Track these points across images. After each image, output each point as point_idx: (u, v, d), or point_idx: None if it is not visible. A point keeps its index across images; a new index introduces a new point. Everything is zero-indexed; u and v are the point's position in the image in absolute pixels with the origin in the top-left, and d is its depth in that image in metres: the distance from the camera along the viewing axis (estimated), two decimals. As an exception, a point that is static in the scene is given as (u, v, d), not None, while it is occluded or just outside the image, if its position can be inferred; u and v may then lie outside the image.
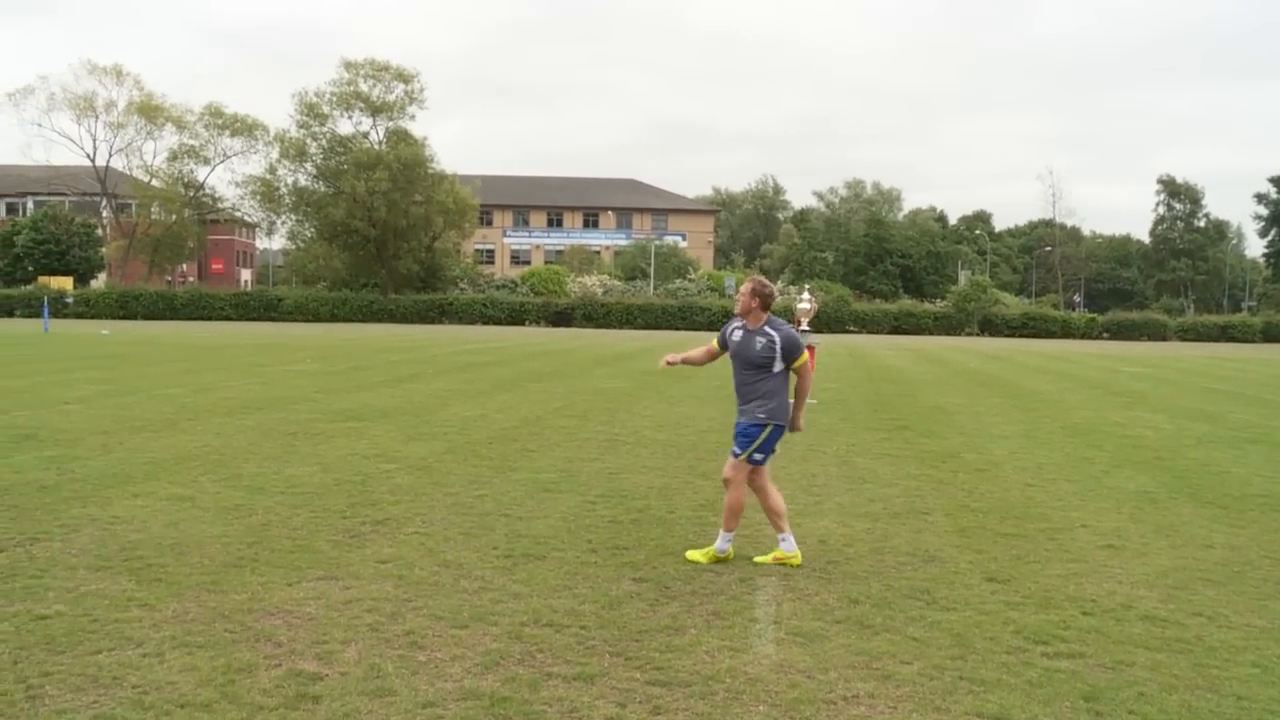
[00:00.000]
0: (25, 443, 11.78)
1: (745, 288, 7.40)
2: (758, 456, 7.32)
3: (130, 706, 4.56)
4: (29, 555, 7.01)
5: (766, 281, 7.45)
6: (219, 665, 5.07)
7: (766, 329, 7.27)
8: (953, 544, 8.02)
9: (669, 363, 7.80)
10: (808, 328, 19.63)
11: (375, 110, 75.37)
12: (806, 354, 7.44)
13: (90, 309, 68.40)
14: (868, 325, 71.72)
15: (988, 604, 6.42)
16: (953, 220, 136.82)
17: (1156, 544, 8.16)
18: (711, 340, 7.65)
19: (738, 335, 7.37)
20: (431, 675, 5.04)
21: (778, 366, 7.24)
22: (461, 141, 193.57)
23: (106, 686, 4.79)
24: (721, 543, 7.37)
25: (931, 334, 70.21)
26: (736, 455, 7.32)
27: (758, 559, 7.36)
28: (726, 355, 7.53)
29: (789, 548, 7.32)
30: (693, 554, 7.39)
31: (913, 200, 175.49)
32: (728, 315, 53.89)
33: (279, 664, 5.12)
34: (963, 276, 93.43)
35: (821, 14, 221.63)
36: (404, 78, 75.48)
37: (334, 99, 74.80)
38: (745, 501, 7.40)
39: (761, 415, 7.25)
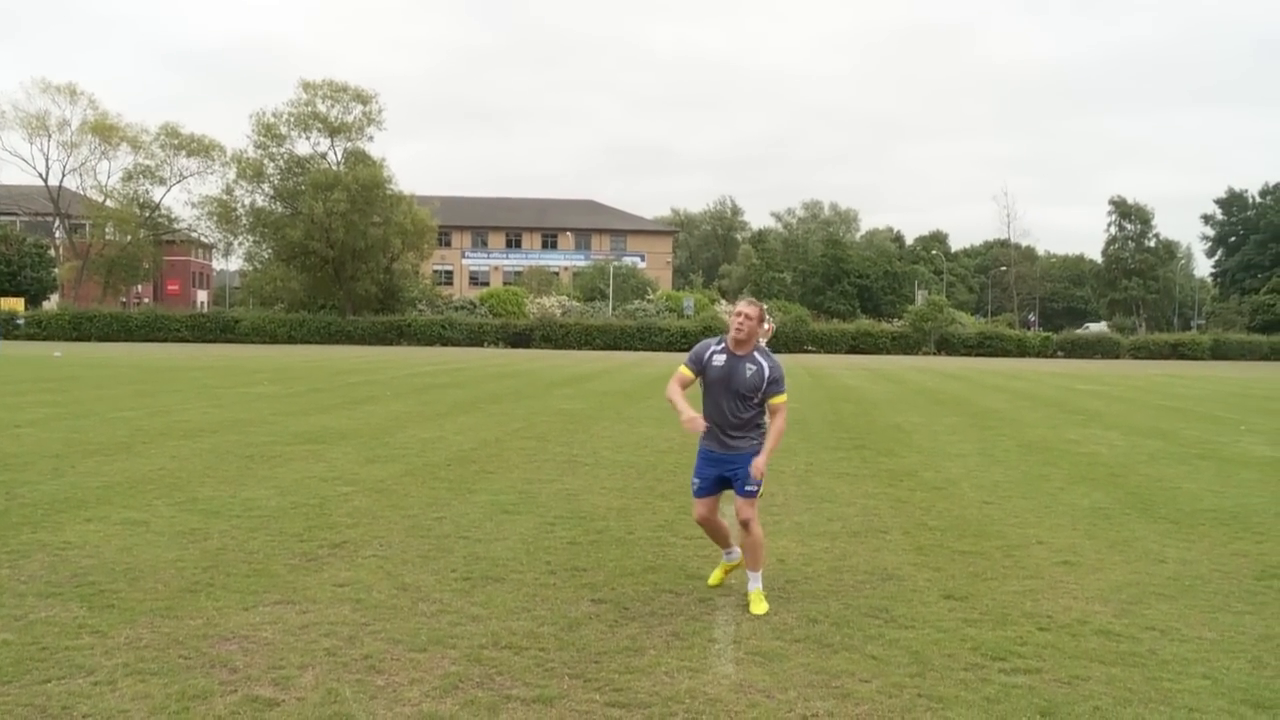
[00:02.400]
0: (-25, 467, 11.60)
1: (753, 311, 6.79)
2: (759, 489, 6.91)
3: (82, 735, 4.49)
4: (-22, 582, 6.89)
5: (761, 306, 6.99)
6: (173, 692, 5.00)
7: (757, 356, 6.81)
8: (911, 562, 8.05)
9: (695, 420, 6.75)
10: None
11: (333, 131, 75.22)
12: (785, 396, 6.90)
13: (42, 330, 67.55)
14: (826, 345, 72.13)
15: (945, 621, 6.45)
16: (909, 241, 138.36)
17: (1111, 559, 8.24)
18: (679, 367, 6.99)
19: (719, 361, 6.81)
20: (390, 699, 5.00)
21: (760, 395, 6.79)
22: (420, 163, 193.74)
23: (55, 716, 4.71)
24: (754, 583, 6.80)
25: (889, 353, 70.72)
26: (752, 494, 6.79)
27: (712, 580, 7.23)
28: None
29: (735, 556, 7.17)
30: (756, 606, 6.69)
31: (870, 221, 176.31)
32: (690, 336, 53.77)
33: (235, 690, 5.06)
34: (919, 296, 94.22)
35: (778, 40, 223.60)
36: (362, 99, 75.46)
37: (292, 119, 74.63)
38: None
39: (759, 444, 6.85)
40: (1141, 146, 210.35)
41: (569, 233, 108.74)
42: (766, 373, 6.76)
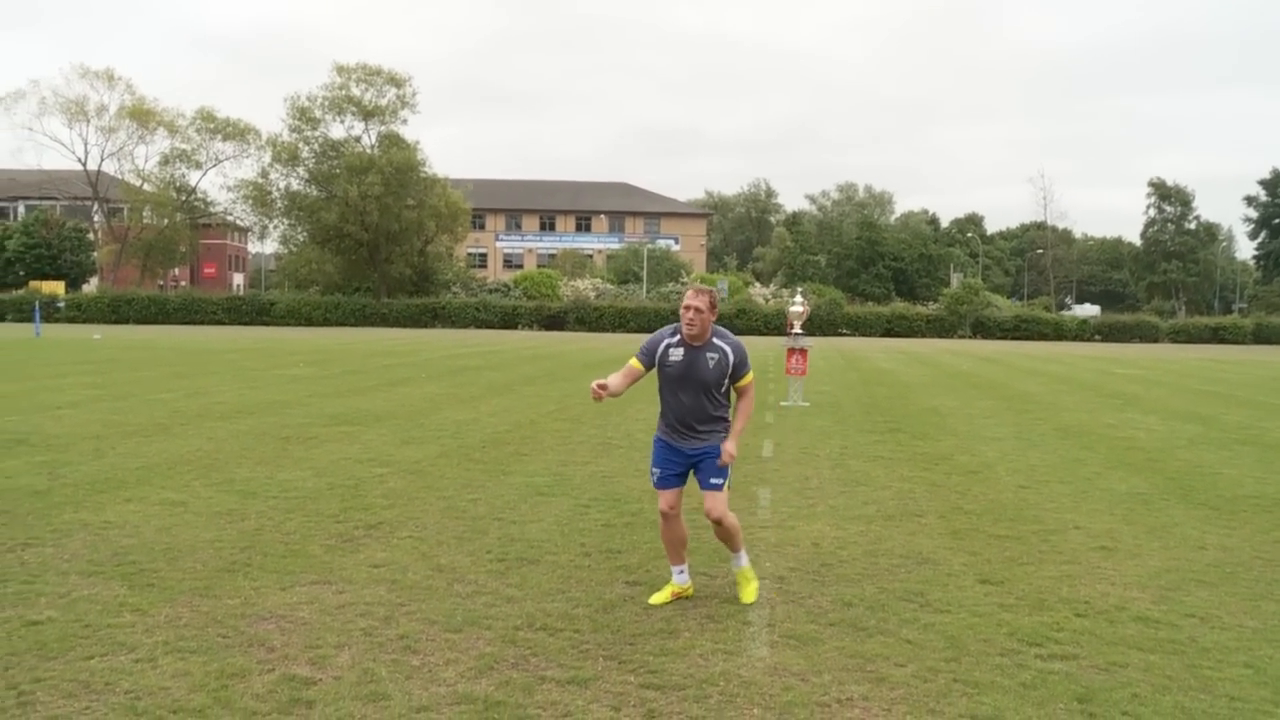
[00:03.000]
0: (17, 448, 11.75)
1: (702, 302, 6.20)
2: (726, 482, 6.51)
3: (122, 712, 4.55)
4: (20, 561, 6.99)
5: (712, 290, 6.39)
6: (212, 670, 5.06)
7: (715, 342, 6.30)
8: (946, 546, 8.02)
9: (601, 389, 6.17)
10: (800, 330, 19.66)
11: (367, 114, 75.32)
12: (752, 373, 6.46)
13: (82, 313, 68.20)
14: (860, 328, 71.78)
15: (981, 606, 6.42)
16: (945, 223, 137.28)
17: (1149, 545, 8.17)
18: (630, 360, 6.40)
19: (676, 355, 6.28)
20: (425, 679, 5.03)
21: (725, 383, 6.37)
22: (453, 146, 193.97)
23: (99, 692, 4.77)
24: (739, 560, 6.58)
25: (924, 336, 70.30)
26: (718, 487, 6.35)
27: (654, 599, 6.40)
28: (647, 372, 6.43)
29: (685, 580, 6.52)
30: (746, 589, 6.54)
31: (905, 203, 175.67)
32: (724, 320, 53.47)
33: (272, 669, 5.11)
34: (955, 279, 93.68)
35: (809, 20, 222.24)
36: (396, 82, 75.50)
37: (326, 103, 74.75)
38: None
39: (723, 435, 6.41)
40: (1182, 127, 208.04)
41: (603, 215, 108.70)
42: (731, 357, 6.28)
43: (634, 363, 6.38)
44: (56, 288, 73.82)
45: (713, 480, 6.36)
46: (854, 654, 5.51)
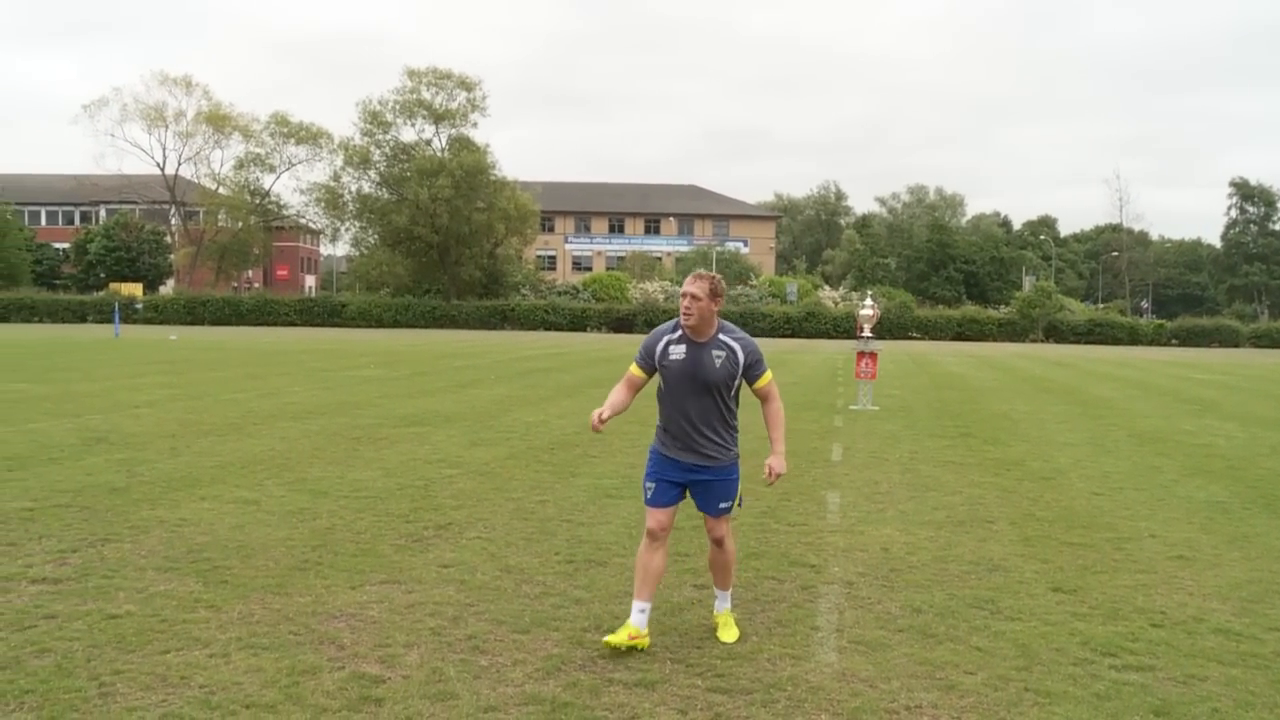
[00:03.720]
0: (97, 445, 12.01)
1: (700, 288, 5.51)
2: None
3: (197, 706, 4.63)
4: (100, 556, 7.14)
5: (714, 276, 5.68)
6: (283, 667, 5.13)
7: (722, 339, 5.63)
8: (1018, 553, 7.91)
9: (600, 423, 5.78)
10: (870, 334, 19.52)
11: (438, 118, 76.07)
12: (771, 374, 5.79)
13: (159, 314, 69.57)
14: (930, 331, 71.13)
15: (1053, 614, 6.32)
16: (1017, 225, 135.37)
17: (1229, 555, 7.99)
18: (629, 368, 5.86)
19: (678, 352, 5.63)
20: (493, 680, 5.06)
21: (735, 385, 5.73)
22: (522, 149, 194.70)
23: (175, 686, 4.86)
24: (723, 602, 5.93)
25: (995, 340, 69.46)
26: (727, 512, 5.75)
27: (609, 639, 5.46)
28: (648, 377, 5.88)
29: (643, 623, 5.57)
30: (726, 632, 5.78)
31: (976, 205, 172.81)
32: (793, 322, 53.15)
33: (342, 666, 5.17)
34: (1027, 282, 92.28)
35: (879, 21, 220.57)
36: (466, 85, 76.17)
37: (397, 107, 75.64)
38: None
39: (736, 450, 5.84)
40: (1265, 124, 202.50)
41: (672, 218, 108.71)
42: (741, 356, 5.61)
43: (633, 369, 5.77)
44: (135, 289, 75.42)
45: (721, 505, 5.72)
46: (923, 661, 5.46)
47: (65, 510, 8.51)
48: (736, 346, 5.63)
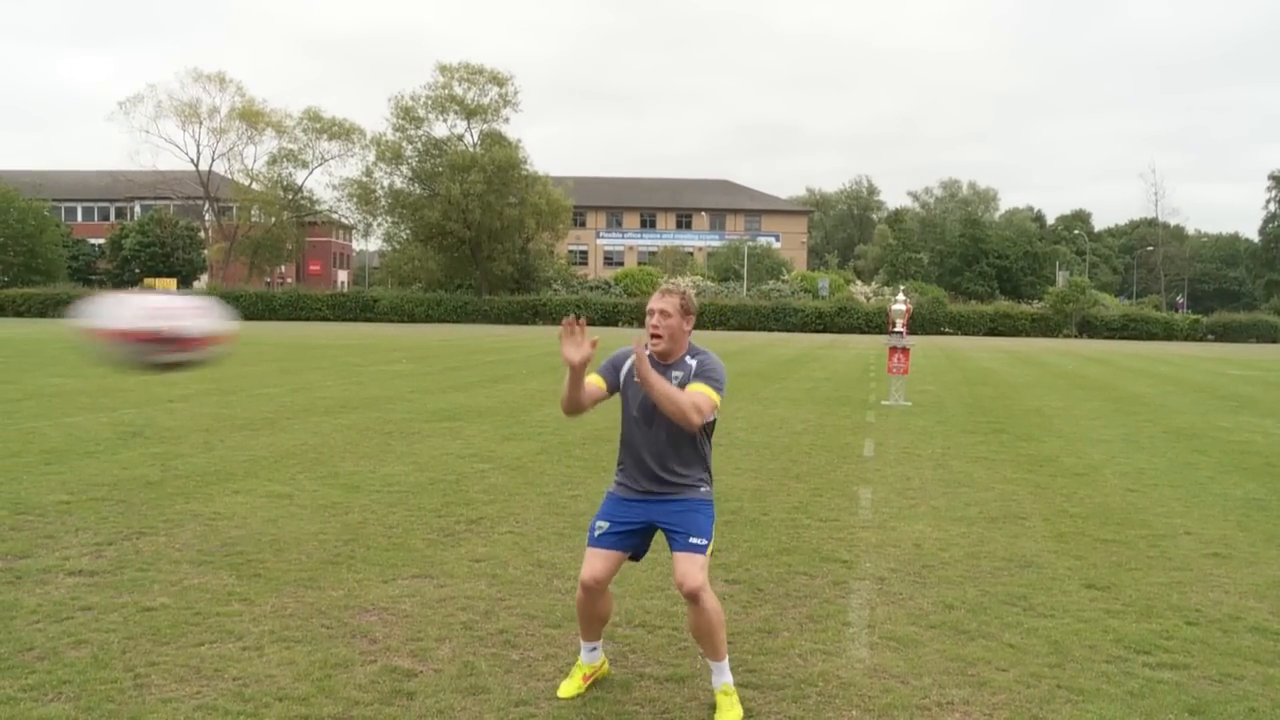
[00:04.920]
0: (132, 440, 12.12)
1: (669, 303, 4.86)
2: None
3: (231, 698, 4.67)
4: (135, 549, 7.21)
5: (684, 290, 5.00)
6: (316, 660, 5.16)
7: (687, 360, 4.92)
8: (1051, 549, 7.86)
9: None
10: (902, 329, 19.44)
11: (470, 113, 76.19)
12: (710, 392, 4.78)
13: (193, 310, 70.00)
14: (963, 327, 70.73)
15: (1087, 611, 6.28)
16: (1051, 220, 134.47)
17: (1267, 553, 7.91)
18: (595, 378, 5.10)
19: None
20: (525, 674, 5.08)
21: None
22: (554, 144, 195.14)
23: (209, 678, 4.90)
24: (721, 675, 4.79)
25: (1028, 335, 69.02)
26: (700, 549, 4.75)
27: (565, 690, 4.90)
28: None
29: (598, 656, 5.07)
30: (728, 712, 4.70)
31: (1009, 200, 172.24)
32: (825, 318, 52.99)
33: (374, 660, 5.20)
34: (1061, 277, 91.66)
35: (909, 15, 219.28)
36: (498, 80, 76.23)
37: (429, 102, 75.77)
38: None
39: (705, 489, 5.02)
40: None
41: (703, 213, 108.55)
42: (694, 367, 4.88)
43: (594, 378, 5.04)
44: (169, 285, 75.85)
45: (692, 540, 4.77)
46: (955, 657, 5.43)
47: (101, 503, 8.60)
48: (694, 362, 4.88)
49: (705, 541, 4.79)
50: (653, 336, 4.86)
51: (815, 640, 5.67)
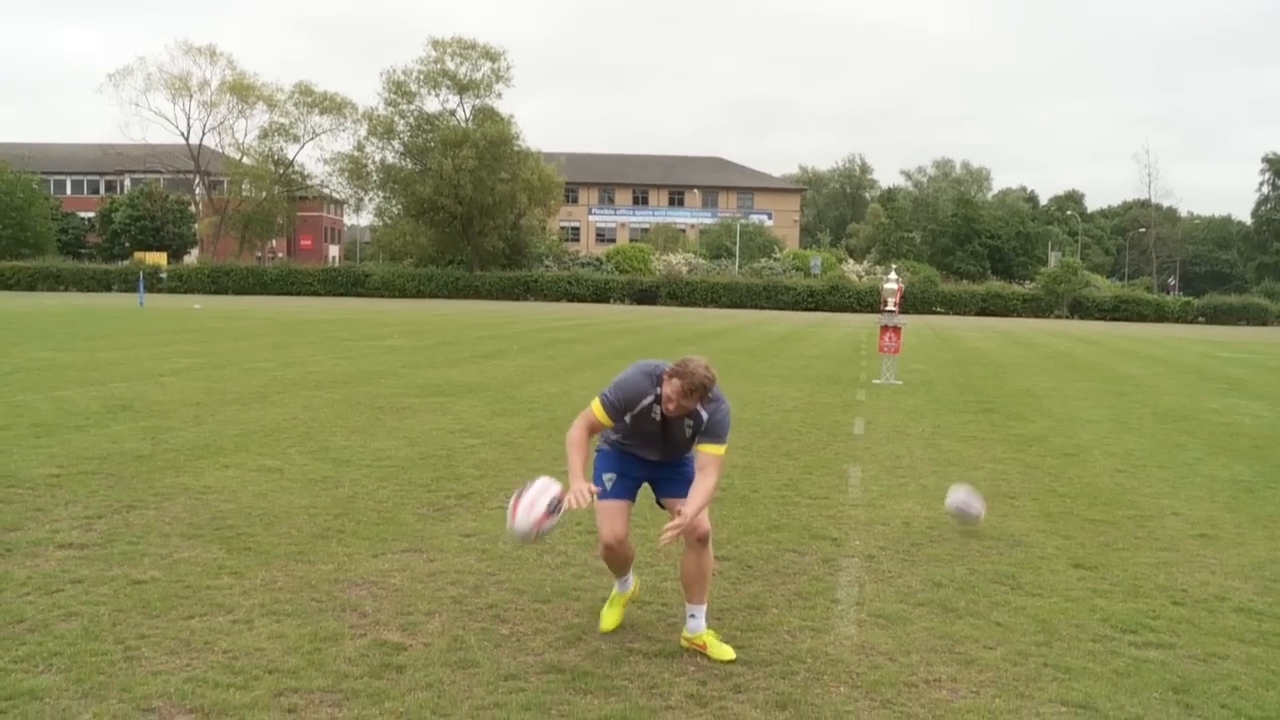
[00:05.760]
0: (122, 413, 12.10)
1: (691, 401, 4.94)
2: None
3: (221, 670, 4.68)
4: (126, 522, 7.21)
5: (709, 379, 4.91)
6: (306, 633, 5.18)
7: (698, 410, 5.07)
8: (1039, 529, 7.90)
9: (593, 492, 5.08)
10: (894, 308, 19.45)
11: (462, 88, 75.91)
12: (722, 449, 5.12)
13: (183, 284, 69.73)
14: (955, 306, 70.76)
15: (1074, 590, 6.32)
16: (1043, 200, 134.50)
17: (1253, 534, 7.96)
18: (593, 407, 5.28)
19: (652, 419, 5.16)
20: (514, 648, 5.10)
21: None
22: (546, 120, 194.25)
23: (198, 650, 4.92)
24: (699, 620, 5.20)
25: (1020, 316, 69.04)
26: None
27: (610, 623, 5.39)
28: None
29: (630, 583, 5.54)
30: (720, 649, 5.10)
31: (1002, 180, 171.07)
32: (816, 296, 53.05)
33: (364, 634, 5.22)
34: (1053, 258, 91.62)
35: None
36: (491, 55, 75.92)
37: (421, 77, 75.53)
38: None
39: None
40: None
41: (696, 190, 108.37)
42: (704, 419, 5.08)
43: (598, 413, 5.21)
44: (159, 259, 75.46)
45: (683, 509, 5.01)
46: (943, 635, 5.47)
47: (91, 477, 8.59)
48: (705, 414, 5.05)
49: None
50: (668, 407, 5.02)
51: (803, 617, 5.70)
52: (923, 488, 9.33)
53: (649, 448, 5.32)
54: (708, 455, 5.10)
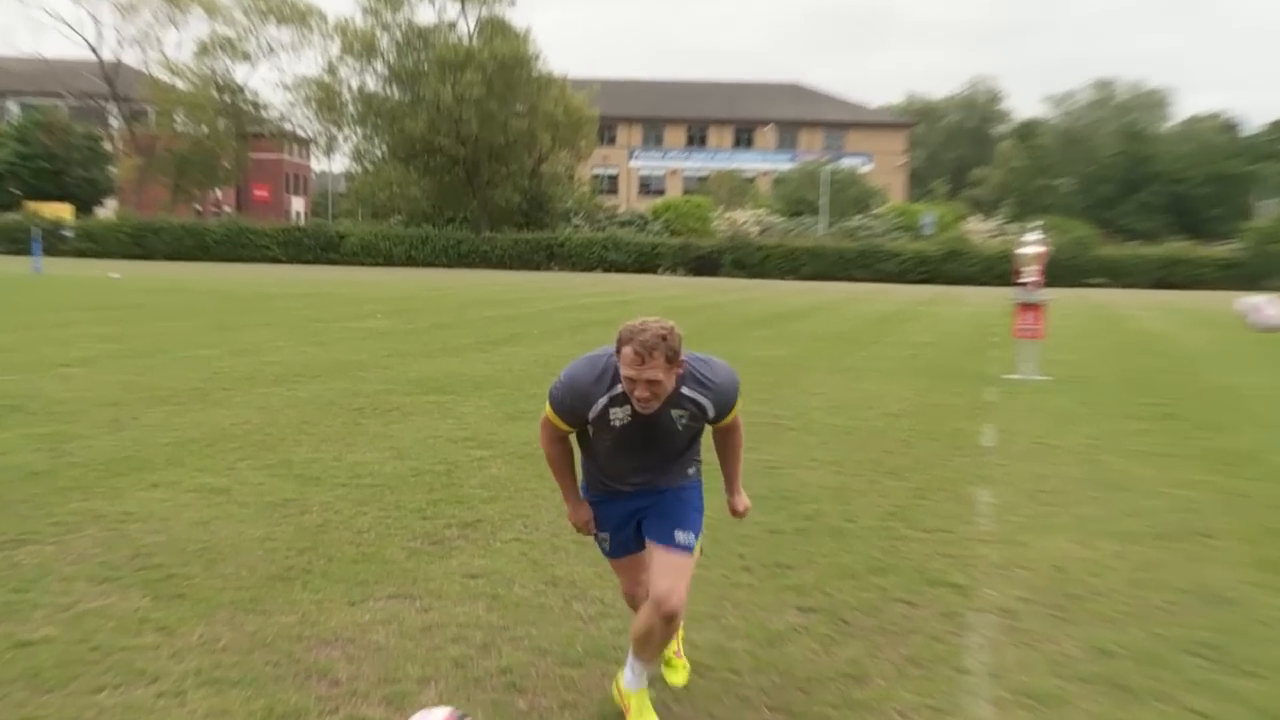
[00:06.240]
0: (10, 415, 12.17)
1: (653, 370, 4.85)
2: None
3: (143, 760, 4.65)
4: (12, 562, 7.20)
5: (664, 331, 4.90)
6: (257, 709, 5.14)
7: (684, 393, 5.09)
8: (1252, 581, 7.73)
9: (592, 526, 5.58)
10: (1035, 279, 19.25)
11: (465, -9, 76.24)
12: (739, 406, 5.35)
13: (96, 245, 70.29)
14: (1120, 276, 70.32)
15: (1304, 666, 6.17)
16: (1250, 129, 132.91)
17: None
18: (547, 414, 5.51)
19: (621, 417, 5.14)
20: (534, 730, 5.05)
21: (700, 434, 5.44)
22: (573, 36, 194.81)
23: (113, 734, 4.89)
24: (640, 679, 5.29)
25: (1215, 288, 68.24)
26: (686, 548, 5.18)
27: (678, 679, 5.62)
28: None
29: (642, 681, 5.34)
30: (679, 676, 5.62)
31: (1189, 104, 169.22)
32: (929, 264, 53.12)
33: (335, 708, 5.18)
34: (1264, 208, 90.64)
35: None
36: (502, -50, 76.12)
37: (412, -24, 75.89)
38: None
39: (693, 470, 5.46)
40: None
41: (770, 126, 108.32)
42: (710, 410, 5.19)
43: (555, 421, 5.44)
44: (62, 211, 74.77)
45: (677, 535, 5.19)
46: (1115, 721, 5.36)
47: (-26, 499, 8.64)
48: (706, 402, 5.15)
49: (693, 538, 5.22)
50: (639, 403, 4.98)
51: (919, 691, 5.61)
52: (1078, 519, 9.20)
53: (634, 449, 5.25)
54: (727, 422, 5.35)
